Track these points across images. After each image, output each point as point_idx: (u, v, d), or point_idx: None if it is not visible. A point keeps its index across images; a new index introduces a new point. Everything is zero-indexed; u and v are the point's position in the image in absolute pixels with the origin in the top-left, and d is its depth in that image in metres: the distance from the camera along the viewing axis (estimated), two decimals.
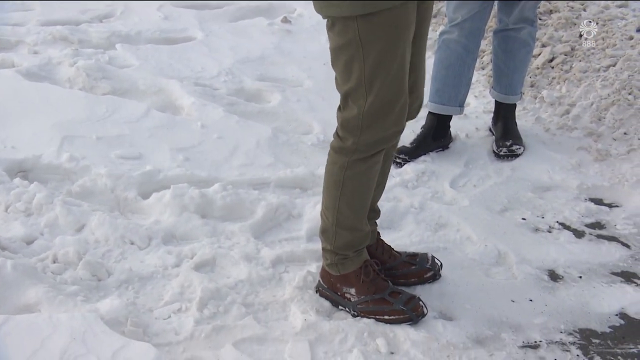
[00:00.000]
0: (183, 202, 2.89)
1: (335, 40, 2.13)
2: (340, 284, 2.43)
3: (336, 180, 2.30)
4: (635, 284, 2.64)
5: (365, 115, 2.16)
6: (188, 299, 2.43)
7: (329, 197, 2.35)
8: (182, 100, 3.84)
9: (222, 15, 5.13)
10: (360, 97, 2.14)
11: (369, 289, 2.41)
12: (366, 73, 2.11)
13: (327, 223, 2.38)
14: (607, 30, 3.97)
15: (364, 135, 2.19)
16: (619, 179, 3.31)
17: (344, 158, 2.25)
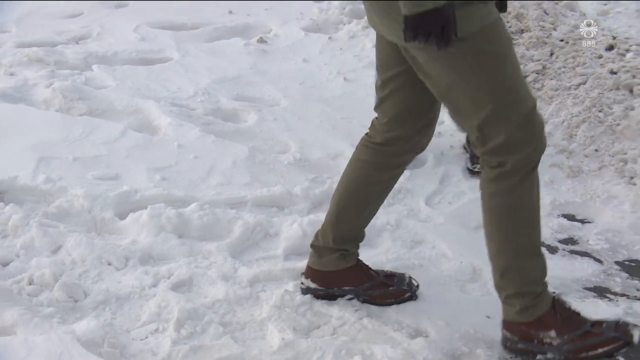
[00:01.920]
0: (160, 222, 2.89)
1: (442, 69, 2.06)
2: (535, 330, 2.24)
3: (510, 208, 2.17)
4: (608, 298, 2.67)
5: (520, 130, 2.09)
6: (165, 319, 2.42)
7: (501, 232, 2.21)
8: (159, 121, 3.83)
9: (199, 36, 5.13)
10: (506, 115, 2.07)
11: (569, 325, 2.22)
12: (501, 89, 2.06)
13: (507, 262, 2.21)
14: (576, 49, 4.02)
15: (522, 152, 2.11)
16: (591, 195, 3.34)
17: (509, 182, 2.14)
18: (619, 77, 3.80)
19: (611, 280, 2.79)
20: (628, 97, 3.73)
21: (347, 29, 5.20)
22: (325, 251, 2.53)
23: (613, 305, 2.62)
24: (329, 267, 2.53)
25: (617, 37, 4.12)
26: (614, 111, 3.65)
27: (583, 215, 3.27)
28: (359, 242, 2.58)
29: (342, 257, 2.54)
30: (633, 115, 3.60)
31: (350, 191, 2.46)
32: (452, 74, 2.06)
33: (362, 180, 2.44)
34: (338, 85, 4.45)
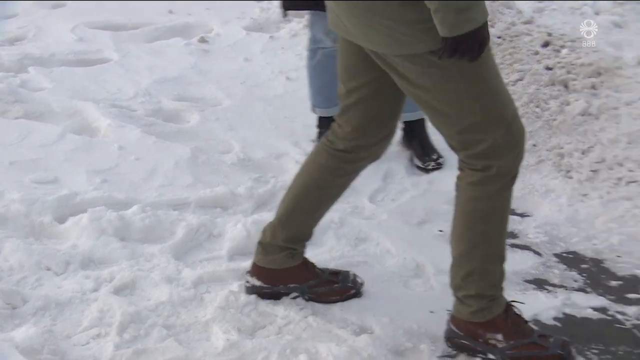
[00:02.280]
0: (101, 226, 2.84)
1: (428, 77, 2.06)
2: (483, 331, 2.27)
3: (484, 213, 2.19)
4: (547, 290, 2.73)
5: (505, 136, 2.10)
6: (107, 324, 2.38)
7: (472, 235, 2.22)
8: (99, 122, 3.77)
9: (138, 36, 5.06)
10: (492, 122, 2.09)
11: (517, 333, 2.26)
12: (486, 97, 2.07)
13: (472, 265, 2.23)
14: (514, 46, 4.10)
15: (507, 157, 2.14)
16: (530, 189, 3.41)
17: (492, 186, 2.15)
18: (554, 73, 3.89)
19: (550, 272, 2.85)
20: (563, 92, 3.82)
21: (288, 28, 5.19)
22: (273, 249, 2.52)
23: (552, 296, 2.68)
24: (276, 265, 2.53)
25: (552, 34, 4.21)
26: (551, 106, 3.73)
27: (522, 209, 3.33)
28: (307, 241, 2.59)
29: (290, 256, 2.54)
30: (568, 110, 3.68)
31: (306, 193, 2.47)
32: (438, 83, 2.07)
33: (319, 183, 2.45)
34: (280, 84, 4.45)
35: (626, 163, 3.37)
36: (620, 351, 2.39)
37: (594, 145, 3.51)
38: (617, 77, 3.80)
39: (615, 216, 3.16)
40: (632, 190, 3.26)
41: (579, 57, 3.95)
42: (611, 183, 3.32)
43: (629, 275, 2.85)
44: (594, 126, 3.59)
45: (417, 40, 2.01)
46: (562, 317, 2.56)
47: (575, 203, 3.29)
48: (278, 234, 2.50)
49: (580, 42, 4.17)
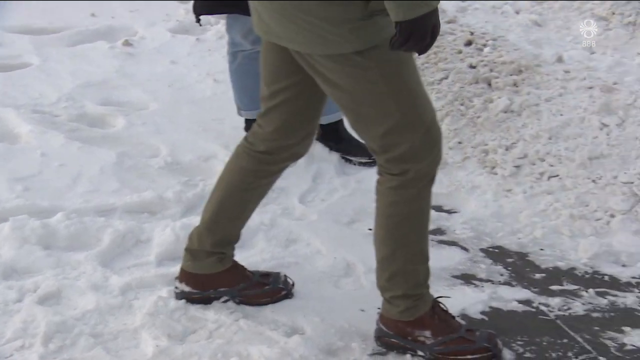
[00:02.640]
0: (23, 234, 2.77)
1: (350, 79, 2.06)
2: (411, 328, 2.30)
3: (407, 216, 2.21)
4: (474, 285, 2.78)
5: (423, 139, 2.12)
6: (32, 335, 2.32)
7: (395, 238, 2.25)
8: (20, 129, 3.67)
9: (60, 40, 4.94)
10: (411, 126, 2.10)
11: (445, 329, 2.29)
12: (406, 101, 2.08)
13: (396, 266, 2.25)
14: (438, 45, 4.15)
15: (424, 160, 2.16)
16: (456, 186, 3.47)
17: (411, 190, 2.18)
18: (477, 71, 3.96)
19: (477, 267, 2.91)
20: (487, 90, 3.89)
21: (215, 30, 5.15)
22: (201, 254, 2.50)
23: (479, 291, 2.73)
24: (205, 270, 2.51)
25: (475, 32, 4.29)
26: (475, 104, 3.81)
27: (449, 205, 3.39)
28: (236, 243, 2.58)
29: (219, 260, 2.53)
30: (492, 108, 3.76)
31: (230, 196, 2.45)
32: (361, 84, 2.08)
33: (242, 186, 2.44)
34: (208, 87, 4.42)
35: (547, 158, 3.47)
36: (545, 342, 2.46)
37: (517, 141, 3.59)
38: (537, 74, 3.90)
39: (538, 210, 3.25)
40: (554, 185, 3.35)
41: (500, 55, 4.03)
42: (534, 178, 3.41)
43: (552, 268, 2.93)
44: (516, 123, 3.68)
45: (344, 40, 2.01)
46: (489, 311, 2.62)
47: (500, 198, 3.36)
48: (205, 239, 2.49)
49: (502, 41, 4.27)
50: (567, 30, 4.77)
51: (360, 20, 1.99)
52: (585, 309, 2.66)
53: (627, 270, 2.93)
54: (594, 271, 2.92)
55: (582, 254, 3.00)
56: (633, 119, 3.53)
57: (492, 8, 5.09)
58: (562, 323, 2.57)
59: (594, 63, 4.14)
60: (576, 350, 2.43)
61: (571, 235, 3.12)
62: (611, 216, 3.17)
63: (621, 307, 2.69)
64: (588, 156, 3.39)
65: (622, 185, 3.24)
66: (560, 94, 3.74)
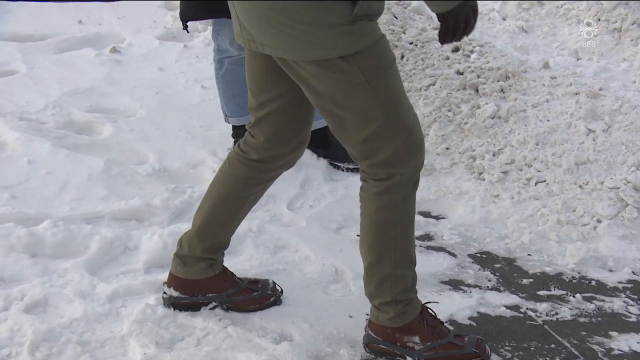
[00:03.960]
0: (10, 242, 2.76)
1: (334, 85, 2.07)
2: (400, 334, 2.31)
3: (394, 221, 2.22)
4: (462, 290, 2.79)
5: (406, 144, 2.13)
6: (18, 343, 2.31)
7: (382, 244, 2.25)
8: (6, 136, 3.65)
9: (47, 47, 4.91)
10: (394, 131, 2.11)
11: (433, 334, 2.31)
12: (389, 106, 2.09)
13: (384, 272, 2.26)
14: (425, 51, 4.17)
15: (409, 164, 2.17)
16: (444, 191, 3.48)
17: (395, 196, 2.19)
18: (465, 77, 3.97)
19: (465, 272, 2.92)
20: (474, 96, 3.91)
21: (202, 37, 5.15)
22: (191, 260, 2.50)
23: (467, 296, 2.74)
24: (195, 275, 2.51)
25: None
26: (462, 110, 3.82)
27: (437, 211, 3.41)
28: (225, 249, 2.58)
29: (209, 266, 2.53)
30: (479, 114, 3.78)
31: (223, 204, 2.45)
32: (345, 89, 2.08)
33: (235, 194, 2.44)
34: (196, 94, 4.41)
35: (534, 164, 3.49)
36: (532, 347, 2.47)
37: (504, 147, 3.61)
38: (524, 80, 3.92)
39: (526, 216, 3.27)
40: (541, 190, 3.37)
41: (487, 61, 4.05)
42: (521, 184, 3.43)
43: (539, 273, 2.94)
44: (503, 129, 3.70)
45: (329, 45, 2.02)
46: (477, 316, 2.63)
47: (488, 204, 3.38)
48: (196, 245, 2.49)
49: (489, 47, 4.29)
50: (554, 37, 4.80)
51: (345, 25, 2.00)
52: (572, 314, 2.68)
53: (614, 275, 2.94)
54: (581, 276, 2.94)
55: (569, 259, 3.02)
56: (619, 124, 3.55)
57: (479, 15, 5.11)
58: (550, 328, 2.58)
59: (580, 69, 4.17)
60: (564, 355, 2.44)
61: (558, 240, 3.14)
62: (598, 221, 3.19)
63: (608, 312, 2.71)
64: (575, 162, 3.41)
65: (609, 191, 3.27)
66: (546, 100, 3.77)
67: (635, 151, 3.41)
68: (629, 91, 3.90)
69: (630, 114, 3.60)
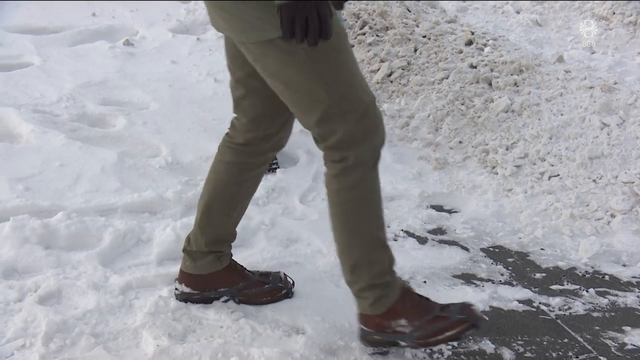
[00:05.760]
0: (24, 234, 2.76)
1: (279, 65, 2.03)
2: (387, 321, 2.25)
3: (355, 202, 2.17)
4: (475, 284, 2.78)
5: (358, 125, 2.08)
6: (32, 334, 2.31)
7: (350, 226, 2.21)
8: (20, 128, 3.67)
9: (61, 40, 4.94)
10: (343, 111, 2.06)
11: (419, 312, 2.24)
12: (335, 85, 2.03)
13: (357, 256, 2.22)
14: (438, 44, 4.16)
15: (364, 143, 2.11)
16: (457, 185, 3.47)
17: (354, 176, 2.14)
18: (478, 70, 3.96)
19: (477, 266, 2.91)
20: (487, 89, 3.89)
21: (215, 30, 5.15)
22: (198, 255, 2.50)
23: (479, 290, 2.73)
24: (203, 270, 2.51)
25: (475, 32, 4.29)
26: (475, 104, 3.81)
27: (450, 205, 3.40)
28: (232, 242, 2.57)
29: (217, 259, 2.52)
30: (492, 107, 3.76)
31: (219, 193, 2.44)
32: (289, 69, 2.05)
33: (229, 181, 2.43)
34: (208, 87, 4.41)
35: (548, 158, 3.47)
36: (545, 341, 2.46)
37: (517, 141, 3.59)
38: (537, 74, 3.90)
39: (539, 210, 3.26)
40: (554, 184, 3.36)
41: (501, 55, 4.04)
42: (534, 178, 3.41)
43: (552, 267, 2.93)
44: (517, 122, 3.68)
45: (270, 25, 1.98)
46: (490, 310, 2.62)
47: (501, 198, 3.37)
48: (200, 239, 2.49)
49: (503, 40, 4.27)
50: (568, 30, 4.78)
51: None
52: (585, 309, 2.67)
53: (628, 270, 2.93)
54: (595, 271, 2.93)
55: (582, 254, 3.01)
56: (634, 118, 3.53)
57: (492, 8, 5.10)
58: (563, 323, 2.57)
59: (595, 63, 4.15)
60: (577, 349, 2.43)
61: (572, 234, 3.13)
62: (612, 216, 3.18)
63: (622, 307, 2.69)
64: (589, 156, 3.40)
65: (623, 185, 3.25)
66: (560, 94, 3.75)
67: None
68: None
69: None
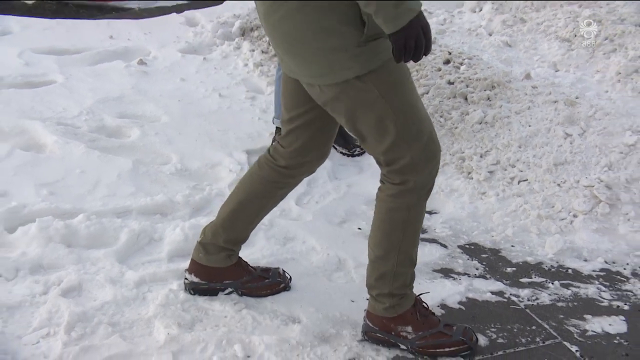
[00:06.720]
0: (48, 234, 2.76)
1: (353, 103, 2.03)
2: (395, 324, 2.28)
3: (401, 223, 2.18)
4: (452, 278, 2.78)
5: (422, 153, 2.09)
6: (56, 324, 2.31)
7: (389, 242, 2.21)
8: (45, 139, 3.65)
9: (81, 60, 4.92)
10: (409, 141, 2.07)
11: (425, 324, 2.28)
12: (403, 119, 2.03)
13: (387, 268, 2.23)
14: (419, 63, 4.16)
15: (423, 172, 2.12)
16: (436, 189, 3.46)
17: (409, 200, 2.15)
18: (455, 87, 3.96)
19: (455, 262, 2.91)
20: (463, 103, 3.89)
21: (220, 50, 5.15)
22: (213, 248, 2.50)
23: (457, 283, 2.73)
24: (215, 263, 2.51)
25: (452, 52, 4.29)
26: (452, 116, 3.81)
27: (430, 207, 3.38)
28: (243, 243, 2.58)
29: (228, 256, 2.52)
30: (468, 119, 3.76)
31: (249, 201, 2.45)
32: (362, 107, 2.05)
33: (262, 194, 2.45)
34: (214, 101, 4.41)
35: (517, 164, 3.47)
36: (515, 328, 2.46)
37: (490, 149, 3.59)
38: (507, 89, 3.90)
39: (509, 211, 3.26)
40: (523, 188, 3.36)
41: (475, 72, 4.04)
42: (505, 182, 3.41)
43: (521, 262, 2.93)
44: (490, 133, 3.68)
45: (345, 67, 1.99)
46: (466, 301, 2.63)
47: (475, 201, 3.37)
48: (220, 235, 2.48)
49: (477, 59, 4.28)
50: (534, 51, 4.78)
51: (357, 48, 1.97)
52: (551, 299, 2.67)
53: (589, 265, 2.93)
54: (559, 265, 2.93)
55: (548, 250, 3.01)
56: (593, 129, 3.53)
57: (467, 30, 5.10)
58: (531, 312, 2.57)
59: (559, 79, 4.15)
60: (543, 335, 2.43)
61: (539, 233, 3.13)
62: (574, 216, 3.18)
63: (583, 297, 2.70)
64: (553, 162, 3.40)
65: (584, 189, 3.25)
66: (528, 107, 3.75)
67: (608, 153, 3.39)
68: (602, 99, 3.89)
69: (603, 120, 3.58)
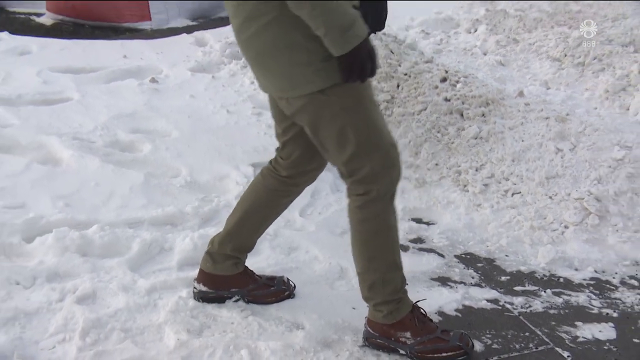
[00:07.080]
0: (64, 244, 2.78)
1: (316, 115, 2.05)
2: (394, 330, 2.28)
3: (376, 231, 2.19)
4: (449, 286, 2.79)
5: (380, 162, 2.10)
6: (71, 330, 2.32)
7: (368, 252, 2.22)
8: (62, 154, 3.67)
9: (97, 78, 4.95)
10: (368, 152, 2.08)
11: (423, 330, 2.28)
12: (363, 130, 2.06)
13: (375, 276, 2.23)
14: (417, 81, 4.18)
15: (383, 181, 2.13)
16: (434, 201, 3.48)
17: (375, 209, 2.16)
18: (451, 103, 3.97)
19: (451, 271, 2.92)
20: (459, 119, 3.91)
21: (227, 69, 5.18)
22: (220, 257, 2.51)
23: (453, 291, 2.74)
24: (222, 271, 2.52)
25: (449, 71, 4.31)
26: (449, 132, 3.82)
27: (428, 218, 3.40)
28: (250, 252, 2.59)
29: (235, 264, 2.53)
30: (464, 135, 3.78)
31: (255, 210, 2.47)
32: (325, 119, 2.07)
33: (267, 203, 2.47)
34: (222, 118, 4.42)
35: (511, 178, 3.48)
36: (509, 335, 2.47)
37: (485, 163, 3.60)
38: (501, 106, 3.92)
39: (503, 222, 3.26)
40: (516, 200, 3.37)
41: (471, 90, 4.05)
42: (500, 195, 3.42)
43: (515, 271, 2.94)
44: (484, 147, 3.69)
45: (309, 81, 2.02)
46: (462, 308, 2.63)
47: (471, 212, 3.37)
48: (226, 243, 2.50)
49: (472, 78, 4.30)
50: (527, 69, 4.80)
51: (322, 62, 2.00)
52: (543, 307, 2.67)
53: (579, 274, 2.93)
54: (551, 274, 2.93)
55: (540, 260, 3.01)
56: (583, 144, 3.54)
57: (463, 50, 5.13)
58: (524, 319, 2.58)
59: (550, 97, 4.17)
60: (536, 341, 2.43)
61: (531, 243, 3.13)
62: (565, 227, 3.18)
63: (574, 305, 2.70)
64: (545, 176, 3.41)
65: (575, 201, 3.26)
66: (521, 123, 3.76)
67: (597, 167, 3.40)
68: (591, 116, 3.90)
69: (592, 136, 3.59)
